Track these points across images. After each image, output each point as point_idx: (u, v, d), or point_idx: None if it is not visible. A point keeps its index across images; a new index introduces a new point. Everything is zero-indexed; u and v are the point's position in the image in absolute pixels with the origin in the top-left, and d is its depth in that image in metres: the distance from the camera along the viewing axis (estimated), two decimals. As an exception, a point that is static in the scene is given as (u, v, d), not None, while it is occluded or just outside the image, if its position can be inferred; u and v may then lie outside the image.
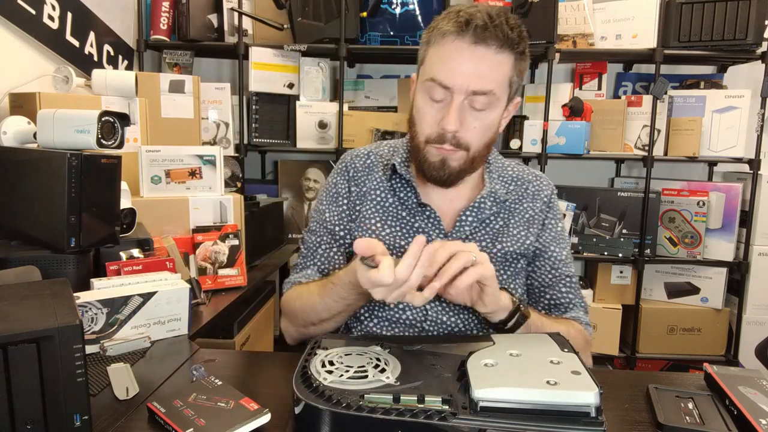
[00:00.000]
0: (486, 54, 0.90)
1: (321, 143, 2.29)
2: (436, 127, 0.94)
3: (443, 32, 0.91)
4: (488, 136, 0.97)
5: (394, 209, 1.05)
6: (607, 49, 2.23)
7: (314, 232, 1.11)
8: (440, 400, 0.63)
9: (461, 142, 0.94)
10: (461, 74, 0.90)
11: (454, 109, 0.91)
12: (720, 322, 2.32)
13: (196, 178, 1.56)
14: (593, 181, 2.53)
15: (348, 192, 1.09)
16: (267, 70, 2.22)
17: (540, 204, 1.07)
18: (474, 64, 0.90)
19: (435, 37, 0.94)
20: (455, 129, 0.92)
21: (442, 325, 1.00)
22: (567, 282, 1.06)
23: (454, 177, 0.98)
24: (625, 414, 0.76)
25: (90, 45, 1.85)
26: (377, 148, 1.13)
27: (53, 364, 0.62)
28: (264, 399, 0.72)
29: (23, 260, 1.05)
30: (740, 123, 2.19)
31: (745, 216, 2.24)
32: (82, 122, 1.13)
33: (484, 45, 0.89)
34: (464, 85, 0.90)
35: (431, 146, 0.96)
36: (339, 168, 1.13)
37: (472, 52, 0.89)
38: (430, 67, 0.94)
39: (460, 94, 0.91)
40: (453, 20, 0.90)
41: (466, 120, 0.93)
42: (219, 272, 1.51)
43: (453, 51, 0.90)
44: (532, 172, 1.12)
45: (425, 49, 0.97)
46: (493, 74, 0.91)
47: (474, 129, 0.94)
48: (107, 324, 0.99)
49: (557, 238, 1.07)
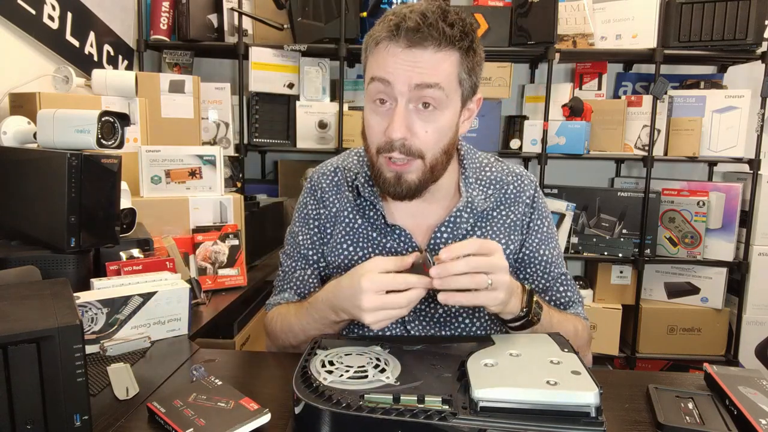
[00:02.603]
0: (423, 55, 0.83)
1: (321, 143, 2.29)
2: (383, 136, 0.87)
3: (376, 39, 0.86)
4: (444, 142, 0.89)
5: (363, 230, 1.00)
6: (607, 49, 2.23)
7: (290, 256, 1.07)
8: (440, 400, 0.63)
9: (413, 150, 0.87)
10: (401, 68, 0.83)
11: (399, 114, 0.84)
12: (720, 322, 2.32)
13: (196, 178, 1.56)
14: (593, 181, 2.53)
15: (318, 214, 1.04)
16: (267, 70, 2.22)
17: (522, 207, 1.02)
18: (410, 65, 0.83)
19: (370, 46, 0.88)
20: (402, 136, 0.85)
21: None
22: (562, 280, 1.04)
23: (414, 191, 0.91)
24: (625, 414, 0.76)
25: (90, 45, 1.85)
26: (344, 161, 1.07)
27: (53, 364, 0.62)
28: (264, 399, 0.72)
29: (23, 260, 1.05)
30: (740, 123, 2.18)
31: (745, 216, 2.24)
32: (82, 122, 1.13)
33: (419, 47, 0.83)
34: (405, 80, 0.83)
35: (383, 157, 0.89)
36: (307, 188, 1.08)
37: (407, 56, 0.83)
38: (369, 71, 0.89)
39: (402, 96, 0.84)
40: (385, 25, 0.85)
41: (415, 125, 0.86)
42: (219, 272, 1.51)
43: (387, 57, 0.84)
44: (511, 171, 1.05)
45: (365, 57, 0.91)
46: (435, 70, 0.84)
47: (426, 134, 0.87)
48: (107, 324, 0.99)
49: (545, 239, 1.03)
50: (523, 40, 2.15)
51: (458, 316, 0.99)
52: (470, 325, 1.00)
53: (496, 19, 2.16)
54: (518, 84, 2.52)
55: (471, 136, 2.30)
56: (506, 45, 2.18)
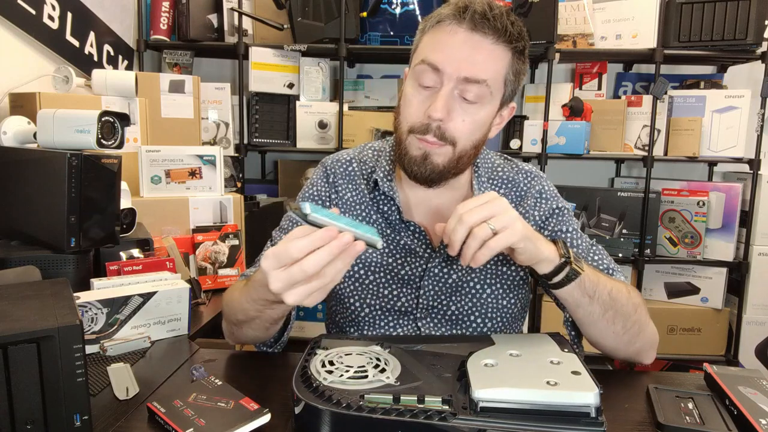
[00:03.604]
0: (482, 42, 0.84)
1: (321, 143, 2.29)
2: (422, 116, 0.87)
3: (440, 17, 0.87)
4: (477, 136, 0.90)
5: (378, 227, 0.99)
6: (607, 49, 2.23)
7: (284, 230, 1.03)
8: (440, 400, 0.63)
9: (447, 135, 0.87)
10: (454, 58, 0.84)
11: (442, 96, 0.85)
12: (720, 322, 2.32)
13: (196, 178, 1.57)
14: (593, 181, 2.53)
15: (328, 196, 1.03)
16: (267, 70, 2.22)
17: (532, 201, 1.00)
18: (468, 50, 0.84)
19: (430, 24, 0.89)
20: (441, 117, 0.85)
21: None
22: (594, 250, 0.98)
23: (437, 175, 0.90)
24: (625, 414, 0.76)
25: (90, 45, 1.85)
26: (360, 154, 1.06)
27: (53, 364, 0.62)
28: (264, 399, 0.72)
29: (23, 260, 1.05)
30: (740, 123, 2.18)
31: (745, 216, 2.24)
32: (82, 122, 1.13)
33: (480, 33, 0.84)
34: (456, 69, 0.84)
35: (413, 137, 0.89)
36: (319, 172, 1.06)
37: (468, 38, 0.84)
38: (422, 52, 0.89)
39: (450, 81, 0.85)
40: (451, 6, 0.86)
41: (455, 111, 0.86)
42: (219, 272, 1.51)
43: (447, 34, 0.85)
44: (521, 169, 1.04)
45: (420, 38, 0.91)
46: (488, 65, 0.85)
47: (462, 123, 0.87)
48: (107, 324, 0.99)
49: (563, 220, 1.00)
50: (523, 40, 2.14)
51: (470, 315, 0.97)
52: (481, 325, 0.98)
53: (496, 19, 2.16)
54: (518, 84, 2.52)
55: (471, 136, 2.30)
56: (506, 45, 2.17)
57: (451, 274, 0.97)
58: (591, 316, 0.85)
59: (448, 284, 0.97)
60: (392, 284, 0.97)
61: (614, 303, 0.85)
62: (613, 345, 0.90)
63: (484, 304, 0.97)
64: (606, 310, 0.85)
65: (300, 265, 0.63)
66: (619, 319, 0.86)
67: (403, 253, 0.98)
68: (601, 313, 0.85)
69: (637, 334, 0.89)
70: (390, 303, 0.97)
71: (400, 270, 0.97)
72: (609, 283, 0.86)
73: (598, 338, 0.90)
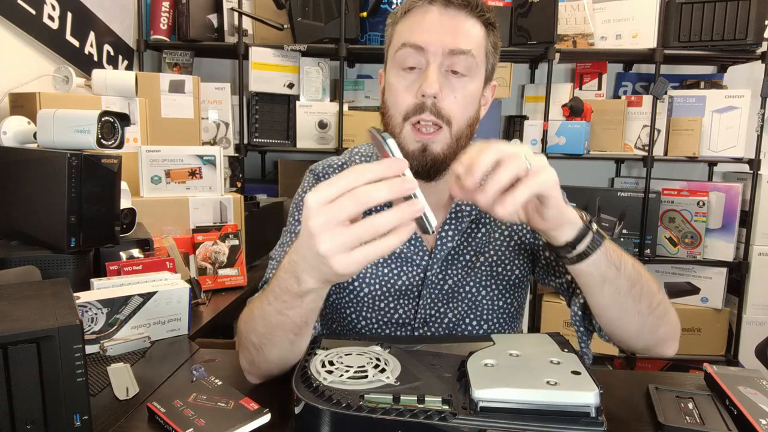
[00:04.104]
0: (458, 16, 0.84)
1: (321, 143, 2.29)
2: (413, 98, 0.84)
3: (409, 5, 0.86)
4: (470, 112, 0.87)
5: None
6: (607, 49, 2.23)
7: (285, 245, 0.98)
8: (440, 400, 0.63)
9: (443, 112, 0.83)
10: (435, 33, 0.83)
11: (432, 71, 0.82)
12: (720, 322, 2.32)
13: (196, 178, 1.57)
14: (593, 181, 2.53)
15: None
16: (267, 70, 2.22)
17: None
18: (448, 23, 0.83)
19: (401, 13, 0.88)
20: (435, 91, 0.81)
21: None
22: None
23: (438, 165, 0.86)
24: (625, 414, 0.76)
25: (90, 45, 1.85)
26: (350, 160, 1.03)
27: (53, 364, 0.62)
28: (264, 399, 0.72)
29: (23, 260, 1.05)
30: (740, 123, 2.19)
31: (745, 216, 2.24)
32: (82, 122, 1.13)
33: (454, 8, 0.84)
34: (440, 44, 0.82)
35: (408, 126, 0.85)
36: (310, 180, 1.03)
37: (443, 13, 0.84)
38: (399, 39, 0.86)
39: (436, 57, 0.83)
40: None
41: (446, 88, 0.84)
42: (219, 272, 1.51)
43: (422, 15, 0.84)
44: None
45: (392, 30, 0.90)
46: (469, 36, 0.84)
47: (455, 99, 0.84)
48: (107, 324, 0.99)
49: None
50: (523, 40, 2.15)
51: (466, 318, 0.95)
52: (477, 327, 0.96)
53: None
54: (518, 84, 2.52)
55: (471, 136, 2.30)
56: (506, 45, 2.17)
57: (447, 280, 0.94)
58: (618, 293, 0.75)
59: (444, 290, 0.94)
60: (389, 296, 0.95)
61: (640, 277, 0.77)
62: (637, 328, 0.81)
63: (479, 307, 0.95)
64: (633, 284, 0.76)
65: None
66: (646, 297, 0.78)
67: (399, 263, 0.95)
68: (629, 288, 0.76)
69: (663, 315, 0.82)
70: (387, 316, 0.95)
71: (396, 281, 0.94)
72: (629, 257, 0.77)
73: (622, 321, 0.80)
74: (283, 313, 0.68)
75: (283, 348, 0.74)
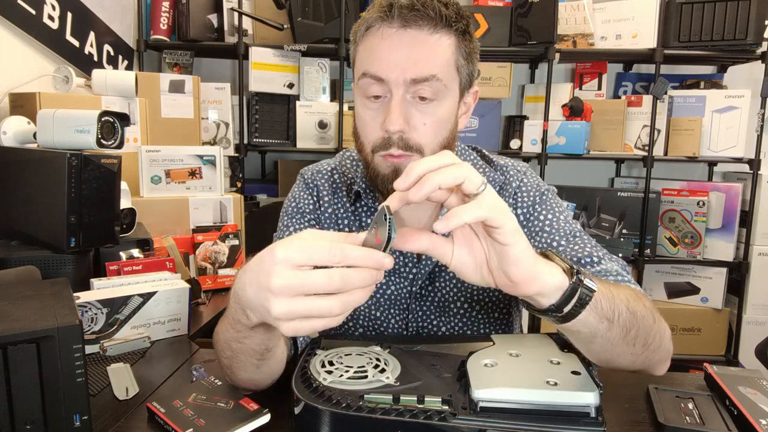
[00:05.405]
0: (418, 36, 0.77)
1: (321, 143, 2.29)
2: (379, 131, 0.80)
3: (368, 23, 0.80)
4: (443, 135, 0.82)
5: None
6: (607, 49, 2.23)
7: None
8: (440, 401, 0.63)
9: (411, 144, 0.79)
10: (394, 63, 0.77)
11: (395, 105, 0.77)
12: (720, 322, 2.32)
13: (196, 178, 1.57)
14: (593, 181, 2.53)
15: (314, 211, 0.97)
16: (267, 70, 2.22)
17: (509, 199, 0.93)
18: (407, 50, 0.76)
19: (361, 33, 0.82)
20: (399, 128, 0.78)
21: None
22: (576, 241, 0.86)
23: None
24: (625, 414, 0.76)
25: (90, 45, 1.85)
26: (340, 164, 1.00)
27: (53, 364, 0.62)
28: (264, 399, 0.72)
29: (23, 260, 1.05)
30: (740, 123, 2.19)
31: (745, 216, 2.24)
32: (82, 122, 1.13)
33: (414, 27, 0.77)
34: (400, 73, 0.77)
35: (378, 156, 0.81)
36: (300, 184, 1.01)
37: (402, 37, 0.77)
38: (360, 64, 0.81)
39: (398, 87, 0.77)
40: (376, 7, 0.79)
41: (413, 118, 0.79)
42: (219, 272, 1.51)
43: (380, 39, 0.78)
44: (497, 164, 0.96)
45: (354, 49, 0.84)
46: (432, 58, 0.77)
47: (424, 127, 0.79)
48: (107, 324, 0.99)
49: (549, 209, 0.90)
50: (523, 40, 2.15)
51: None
52: (470, 309, 0.93)
53: (496, 19, 2.16)
54: (518, 84, 2.52)
55: (471, 136, 2.31)
56: (506, 45, 2.18)
57: (436, 293, 0.93)
58: (610, 343, 0.66)
59: (435, 303, 0.93)
60: (380, 306, 0.94)
61: (635, 320, 0.67)
62: (629, 363, 0.73)
63: (476, 322, 0.94)
64: (627, 330, 0.66)
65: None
66: (641, 337, 0.69)
67: (387, 272, 0.92)
68: (622, 336, 0.66)
69: (658, 347, 0.73)
70: (383, 326, 0.95)
71: (386, 290, 0.94)
72: (621, 293, 0.67)
73: (613, 362, 0.72)
74: (240, 341, 0.67)
75: (249, 371, 0.72)
